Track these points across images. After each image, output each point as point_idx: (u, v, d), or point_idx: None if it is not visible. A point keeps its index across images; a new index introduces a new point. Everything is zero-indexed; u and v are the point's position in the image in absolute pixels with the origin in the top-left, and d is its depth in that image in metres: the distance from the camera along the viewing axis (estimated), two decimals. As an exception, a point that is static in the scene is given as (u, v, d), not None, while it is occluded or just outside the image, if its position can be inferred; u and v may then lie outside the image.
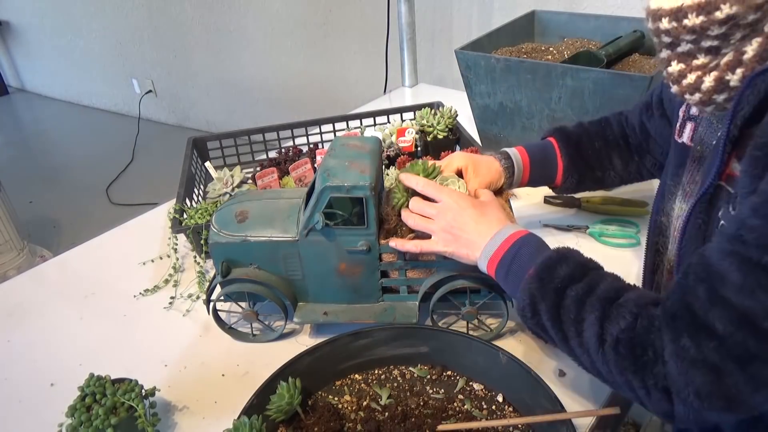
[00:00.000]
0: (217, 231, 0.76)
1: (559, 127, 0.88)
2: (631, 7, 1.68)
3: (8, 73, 4.64)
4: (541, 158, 0.85)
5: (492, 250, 0.65)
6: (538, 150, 0.85)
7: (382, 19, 1.85)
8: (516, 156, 0.83)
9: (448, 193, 0.71)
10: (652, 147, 0.85)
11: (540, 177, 0.86)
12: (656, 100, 0.80)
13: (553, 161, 0.85)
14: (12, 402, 0.75)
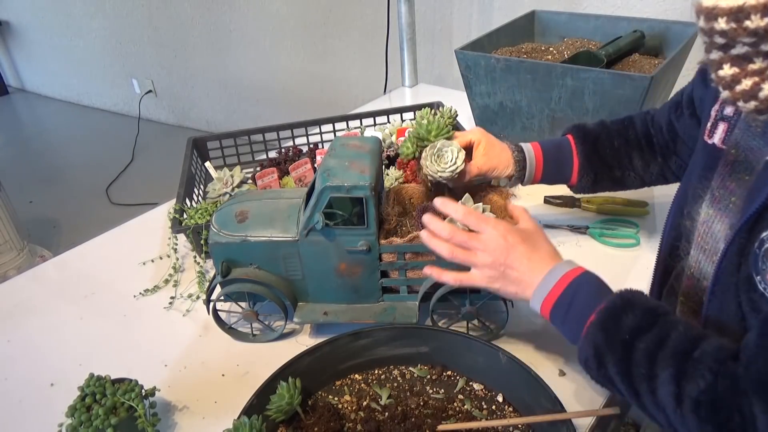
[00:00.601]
0: (217, 231, 0.76)
1: (577, 125, 0.85)
2: (631, 7, 1.68)
3: (8, 73, 4.64)
4: (556, 155, 0.83)
5: (546, 292, 0.60)
6: (553, 147, 0.84)
7: (382, 19, 1.85)
8: (529, 151, 0.82)
9: (493, 225, 0.64)
10: (680, 148, 0.81)
11: (554, 175, 0.84)
12: (686, 99, 0.77)
13: (569, 159, 0.83)
14: (12, 402, 0.75)
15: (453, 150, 0.78)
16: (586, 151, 0.83)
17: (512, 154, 0.80)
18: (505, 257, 0.62)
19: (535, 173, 0.82)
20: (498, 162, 0.78)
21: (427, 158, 0.78)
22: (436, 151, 0.78)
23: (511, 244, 0.63)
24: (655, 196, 1.07)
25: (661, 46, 1.20)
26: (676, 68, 1.12)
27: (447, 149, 0.78)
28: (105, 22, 3.62)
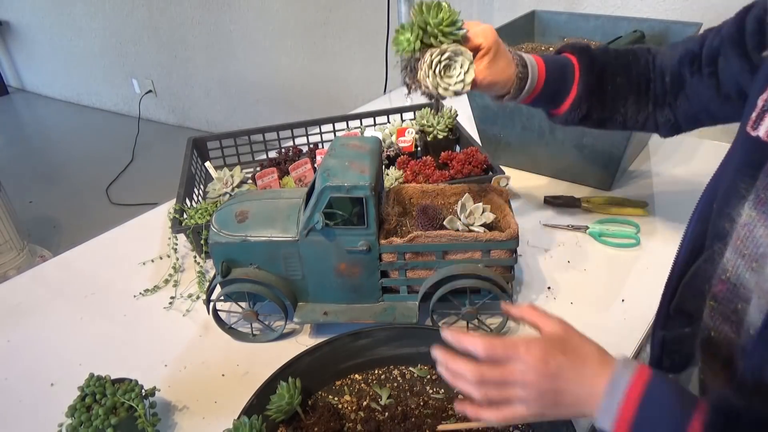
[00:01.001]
0: (217, 231, 0.76)
1: (583, 47, 0.76)
2: (631, 7, 1.68)
3: (8, 73, 4.64)
4: (557, 78, 0.75)
5: (614, 413, 0.49)
6: (557, 69, 0.75)
7: (382, 19, 1.86)
8: (533, 68, 0.73)
9: (525, 350, 0.51)
10: (679, 103, 0.74)
11: (546, 99, 0.77)
12: (708, 55, 0.69)
13: (567, 87, 0.75)
14: (12, 402, 0.75)
15: (464, 61, 0.67)
16: (588, 84, 0.75)
17: (516, 70, 0.71)
18: (552, 384, 0.51)
19: (530, 94, 0.74)
20: (500, 78, 0.70)
21: (429, 66, 0.66)
22: (444, 59, 0.66)
23: (555, 367, 0.51)
24: (655, 196, 1.07)
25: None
26: (676, 68, 1.12)
27: (458, 59, 0.66)
28: (105, 22, 3.62)
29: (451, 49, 0.66)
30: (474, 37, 0.69)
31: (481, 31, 0.69)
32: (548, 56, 0.76)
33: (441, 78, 0.66)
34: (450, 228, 0.75)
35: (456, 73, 0.67)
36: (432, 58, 0.66)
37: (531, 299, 0.84)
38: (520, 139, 1.13)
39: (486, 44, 0.69)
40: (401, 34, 0.67)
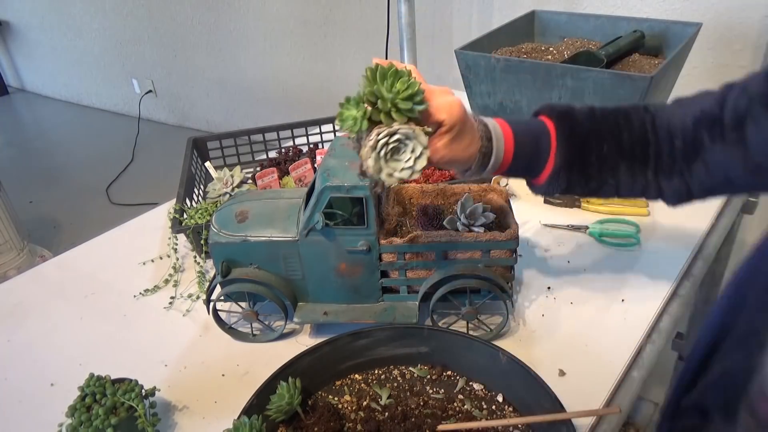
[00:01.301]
0: (217, 231, 0.76)
1: (563, 111, 0.66)
2: (631, 7, 1.68)
3: (8, 73, 4.64)
4: (528, 153, 0.65)
5: None
6: (528, 141, 0.65)
7: (382, 19, 1.85)
8: (499, 142, 0.63)
9: None
10: (694, 172, 0.63)
11: (518, 173, 0.68)
12: (733, 118, 0.58)
13: (543, 158, 0.66)
14: (12, 402, 0.75)
15: (416, 146, 0.57)
16: (567, 155, 0.65)
17: (479, 145, 0.62)
18: None
19: (497, 170, 0.66)
20: (460, 156, 0.61)
21: (373, 147, 0.55)
22: (392, 141, 0.56)
23: None
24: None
25: (661, 46, 1.20)
26: (676, 68, 1.12)
27: (409, 143, 0.56)
28: (105, 22, 3.62)
29: (403, 131, 0.55)
30: (436, 112, 0.58)
31: (445, 106, 0.58)
32: (520, 124, 0.66)
33: (386, 162, 0.57)
34: (450, 228, 0.75)
35: (405, 158, 0.57)
36: (378, 139, 0.55)
37: (531, 299, 0.84)
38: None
39: (449, 121, 0.58)
40: (346, 108, 0.56)
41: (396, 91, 0.55)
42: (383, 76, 0.55)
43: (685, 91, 0.70)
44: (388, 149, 0.56)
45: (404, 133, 0.56)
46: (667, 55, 1.17)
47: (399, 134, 0.56)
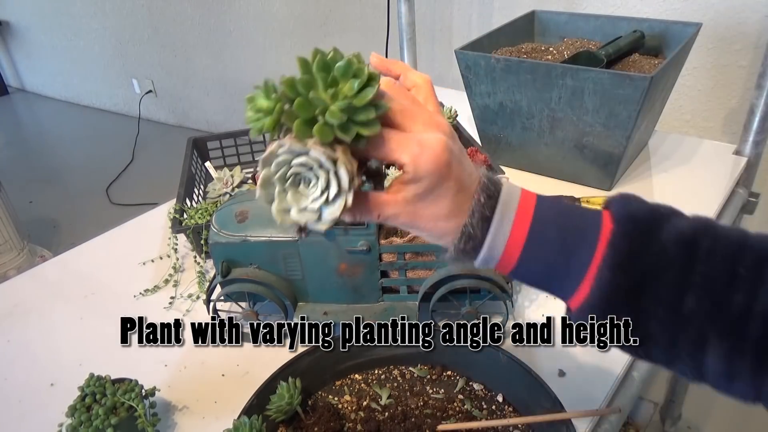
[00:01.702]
0: (217, 231, 0.76)
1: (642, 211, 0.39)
2: (631, 7, 1.68)
3: (8, 73, 4.64)
4: (555, 254, 0.39)
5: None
6: (556, 233, 0.39)
7: (382, 19, 1.86)
8: (503, 221, 0.39)
9: None
10: None
11: (532, 280, 0.42)
12: None
13: (576, 271, 0.39)
14: (12, 402, 0.75)
15: (331, 181, 0.36)
16: (613, 289, 0.38)
17: (464, 221, 0.39)
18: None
19: (499, 265, 0.41)
20: (427, 227, 0.40)
21: (265, 164, 0.37)
22: (296, 164, 0.37)
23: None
24: (655, 196, 1.07)
25: (661, 46, 1.20)
26: (676, 68, 1.12)
27: (320, 173, 0.36)
28: (105, 22, 3.62)
29: (314, 155, 0.35)
30: (396, 148, 0.37)
31: (414, 143, 0.37)
32: (556, 206, 0.40)
33: (283, 192, 0.38)
34: (450, 228, 0.75)
35: (311, 195, 0.37)
36: (276, 155, 0.37)
37: (531, 299, 0.84)
38: (520, 139, 1.13)
39: (412, 169, 0.37)
40: (257, 98, 0.37)
41: (333, 92, 0.36)
42: (325, 68, 0.36)
43: (685, 90, 0.69)
44: (290, 175, 0.37)
45: (314, 159, 0.36)
46: (667, 55, 1.17)
47: (309, 157, 0.36)
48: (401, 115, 0.39)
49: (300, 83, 0.36)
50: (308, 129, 0.35)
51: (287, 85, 0.35)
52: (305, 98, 0.35)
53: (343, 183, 0.36)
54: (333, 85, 0.36)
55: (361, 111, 0.35)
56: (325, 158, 0.36)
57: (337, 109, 0.35)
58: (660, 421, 1.46)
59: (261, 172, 0.38)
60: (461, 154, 0.40)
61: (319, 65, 0.37)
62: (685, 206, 0.36)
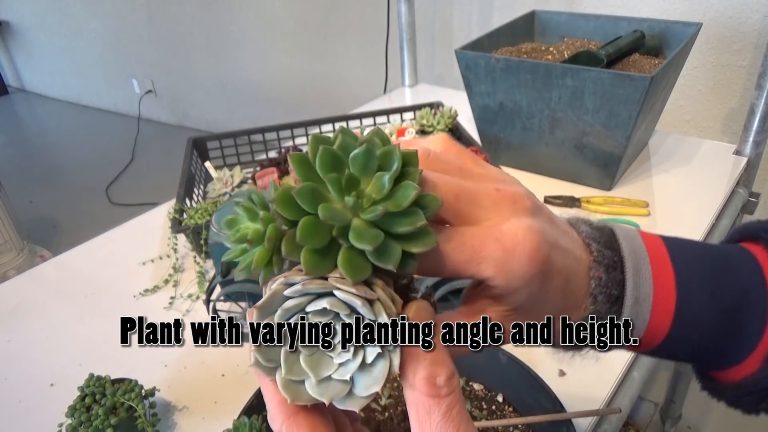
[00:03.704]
0: (217, 231, 0.76)
1: None
2: (631, 7, 1.68)
3: (8, 73, 4.64)
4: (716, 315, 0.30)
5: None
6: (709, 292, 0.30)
7: (382, 19, 1.86)
8: (641, 299, 0.29)
9: None
10: None
11: (683, 353, 0.32)
12: None
13: (751, 325, 0.30)
14: (12, 402, 0.75)
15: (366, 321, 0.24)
16: None
17: (584, 311, 0.30)
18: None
19: (639, 347, 0.32)
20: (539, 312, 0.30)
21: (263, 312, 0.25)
22: (302, 323, 0.25)
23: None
24: (655, 196, 1.07)
25: (661, 46, 1.20)
26: (676, 68, 1.12)
27: (346, 320, 0.24)
28: (105, 22, 3.62)
29: (346, 296, 0.24)
30: (471, 259, 0.26)
31: (495, 247, 0.25)
32: (697, 258, 0.31)
33: (296, 354, 0.25)
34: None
35: (339, 357, 0.25)
36: (281, 298, 0.25)
37: (531, 299, 0.84)
38: (520, 139, 1.13)
39: (505, 281, 0.26)
40: (237, 223, 0.29)
41: (355, 200, 0.23)
42: (334, 163, 0.24)
43: (685, 90, 0.69)
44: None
45: (341, 305, 0.24)
46: (667, 55, 1.17)
47: (326, 303, 0.24)
48: (458, 201, 0.25)
49: (301, 195, 0.23)
50: (324, 261, 0.24)
51: (281, 204, 0.24)
52: (312, 218, 0.23)
53: (395, 338, 0.25)
54: (352, 187, 0.24)
55: (402, 218, 0.23)
56: (360, 301, 0.23)
57: (365, 224, 0.23)
58: (660, 421, 1.46)
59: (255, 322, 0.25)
60: (553, 227, 0.27)
61: (324, 161, 0.24)
62: (685, 206, 0.36)
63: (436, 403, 0.24)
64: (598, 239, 0.29)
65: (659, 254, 0.30)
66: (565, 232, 0.29)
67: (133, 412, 0.64)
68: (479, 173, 0.28)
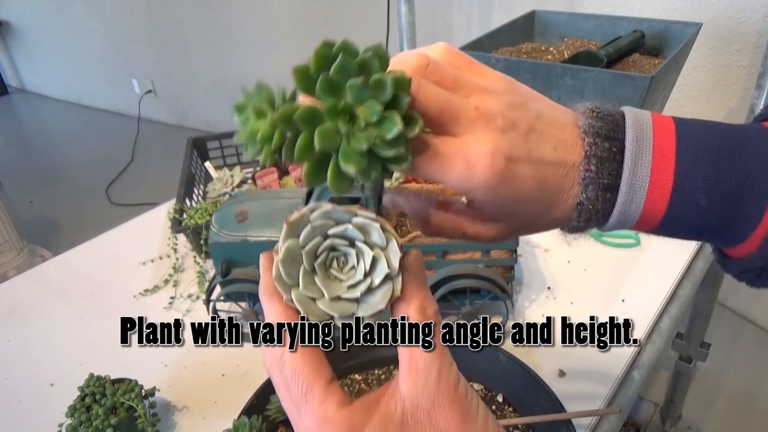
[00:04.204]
0: (217, 231, 0.76)
1: None
2: (631, 7, 1.68)
3: (8, 73, 4.64)
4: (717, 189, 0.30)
5: None
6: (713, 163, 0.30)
7: (382, 19, 1.85)
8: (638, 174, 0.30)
9: None
10: None
11: (686, 230, 0.32)
12: None
13: (755, 201, 0.30)
14: (12, 402, 0.75)
15: (378, 254, 0.28)
16: None
17: (575, 201, 0.31)
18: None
19: (638, 224, 0.32)
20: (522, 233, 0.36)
21: (295, 254, 0.28)
22: (322, 245, 0.29)
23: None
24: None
25: (661, 46, 1.20)
26: (676, 68, 1.12)
27: (361, 246, 0.29)
28: (105, 22, 3.62)
29: (366, 222, 0.28)
30: (438, 174, 0.30)
31: (461, 157, 0.29)
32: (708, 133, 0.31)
33: (314, 273, 0.29)
34: (450, 228, 0.75)
35: (350, 279, 0.29)
36: (307, 221, 0.29)
37: (531, 299, 0.84)
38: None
39: (465, 191, 0.31)
40: (247, 118, 0.31)
41: (348, 126, 0.27)
42: (332, 87, 0.27)
43: (685, 90, 0.69)
44: (318, 250, 0.29)
45: (360, 229, 0.28)
46: (667, 55, 1.17)
47: (346, 228, 0.28)
48: (441, 116, 0.29)
49: (301, 118, 0.27)
50: (319, 172, 0.28)
51: (283, 122, 0.27)
52: (308, 137, 0.27)
53: (393, 263, 0.28)
54: (346, 112, 0.27)
55: (386, 146, 0.27)
56: (378, 230, 0.28)
57: (356, 152, 0.27)
58: (660, 421, 1.46)
59: (284, 242, 0.28)
60: (527, 139, 0.30)
61: (324, 87, 0.27)
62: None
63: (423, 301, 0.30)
64: (598, 131, 0.31)
65: (665, 140, 0.30)
66: (547, 138, 0.31)
67: (133, 412, 0.64)
68: (470, 84, 0.31)
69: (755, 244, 0.31)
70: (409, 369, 0.28)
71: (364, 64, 0.27)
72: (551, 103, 0.33)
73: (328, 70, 0.27)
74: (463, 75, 0.31)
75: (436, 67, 0.30)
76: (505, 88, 0.31)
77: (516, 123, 0.30)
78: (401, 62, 0.30)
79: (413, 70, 0.29)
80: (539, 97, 0.33)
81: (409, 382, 0.28)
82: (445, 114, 0.29)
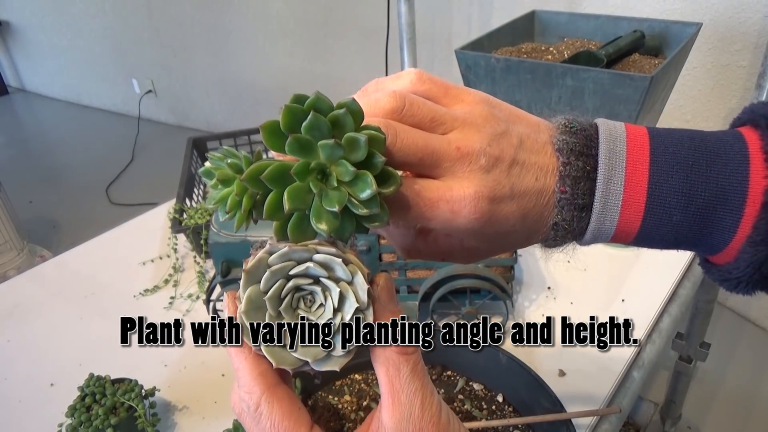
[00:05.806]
0: (217, 231, 0.76)
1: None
2: (631, 7, 1.68)
3: (8, 73, 4.64)
4: (690, 198, 0.30)
5: None
6: (686, 172, 0.30)
7: (382, 19, 1.85)
8: (608, 206, 0.30)
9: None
10: None
11: (663, 239, 0.31)
12: None
13: (731, 207, 0.29)
14: (12, 402, 0.75)
15: (347, 292, 0.27)
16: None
17: (549, 222, 0.31)
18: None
19: (616, 237, 0.32)
20: (495, 253, 0.35)
21: (257, 302, 0.28)
22: (285, 287, 0.27)
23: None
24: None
25: (661, 46, 1.20)
26: (676, 68, 1.12)
27: (326, 283, 0.27)
28: (105, 22, 3.62)
29: (326, 258, 0.27)
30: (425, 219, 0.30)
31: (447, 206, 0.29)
32: (680, 146, 0.31)
33: (280, 318, 0.28)
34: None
35: (321, 317, 0.28)
36: (266, 266, 0.27)
37: (531, 299, 0.84)
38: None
39: (451, 232, 0.33)
40: (217, 174, 0.28)
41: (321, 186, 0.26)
42: (304, 147, 0.26)
43: (685, 90, 0.69)
44: (281, 293, 0.28)
45: (322, 265, 0.27)
46: (667, 55, 1.17)
47: (309, 266, 0.27)
48: (422, 163, 0.29)
49: (269, 179, 0.25)
50: (294, 232, 0.27)
51: (251, 182, 0.26)
52: (277, 196, 0.26)
53: (362, 297, 0.27)
54: (318, 171, 0.26)
55: (360, 205, 0.26)
56: (341, 265, 0.27)
57: (328, 213, 0.26)
58: (660, 421, 1.46)
59: (244, 291, 0.27)
60: (509, 174, 0.30)
61: (293, 147, 0.26)
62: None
63: (405, 360, 0.29)
64: (573, 147, 0.30)
65: (639, 154, 0.30)
66: (528, 168, 0.30)
67: (133, 412, 0.64)
68: (449, 118, 0.30)
69: (732, 255, 0.31)
70: (392, 403, 0.28)
71: (337, 121, 0.26)
72: (529, 119, 0.32)
73: (299, 125, 0.26)
74: (440, 107, 0.30)
75: (411, 107, 0.29)
76: (485, 115, 0.30)
77: (499, 158, 0.30)
78: (376, 106, 0.29)
79: (389, 116, 0.29)
80: (518, 116, 0.32)
81: (393, 416, 0.28)
82: (425, 160, 0.29)
